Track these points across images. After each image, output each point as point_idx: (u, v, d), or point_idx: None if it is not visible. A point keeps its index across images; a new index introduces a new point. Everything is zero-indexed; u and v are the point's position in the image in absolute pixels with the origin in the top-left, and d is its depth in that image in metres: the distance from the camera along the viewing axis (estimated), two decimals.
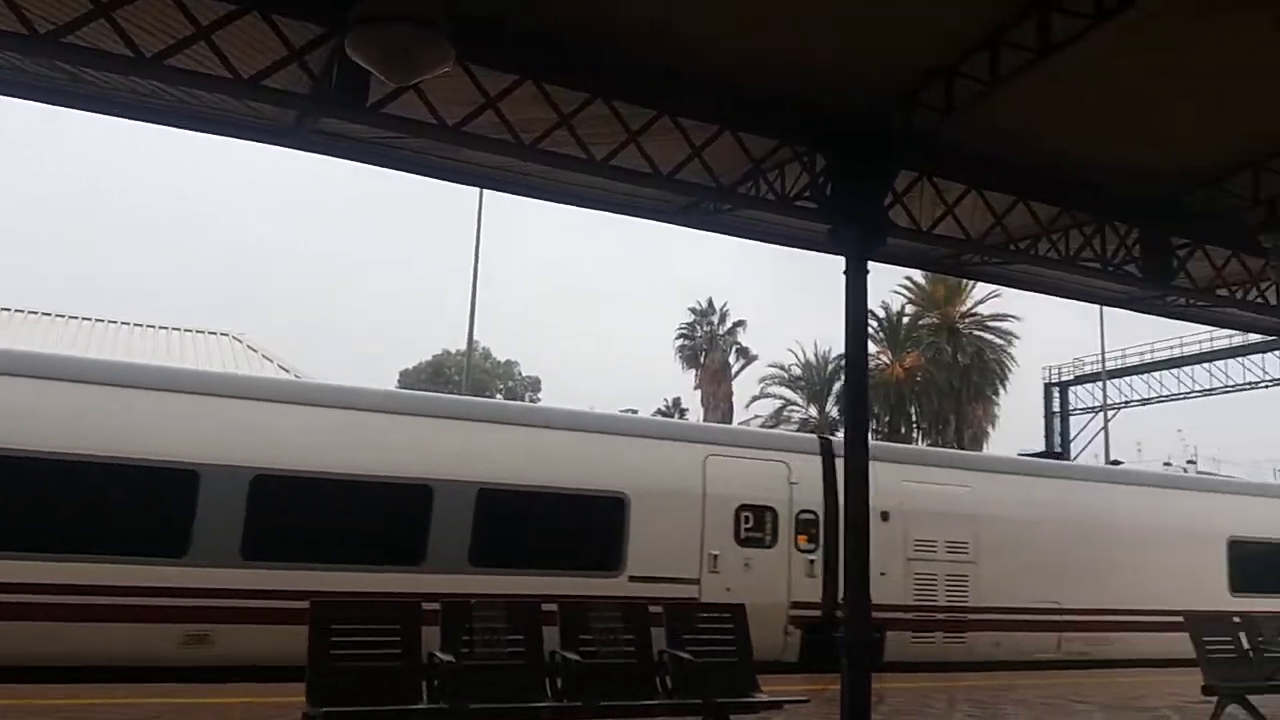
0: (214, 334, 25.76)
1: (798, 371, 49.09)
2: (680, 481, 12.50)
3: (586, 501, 11.83)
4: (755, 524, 12.80)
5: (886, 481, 12.35)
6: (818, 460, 13.62)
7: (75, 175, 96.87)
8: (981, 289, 45.25)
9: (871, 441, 8.84)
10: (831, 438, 13.95)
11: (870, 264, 8.40)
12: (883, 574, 11.53)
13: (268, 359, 24.87)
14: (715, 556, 12.35)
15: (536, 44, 7.08)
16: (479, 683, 6.08)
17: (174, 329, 25.36)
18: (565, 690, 6.34)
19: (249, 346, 25.43)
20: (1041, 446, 48.55)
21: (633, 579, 11.66)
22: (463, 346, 33.32)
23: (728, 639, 7.19)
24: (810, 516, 13.14)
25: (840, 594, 9.92)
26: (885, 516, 12.85)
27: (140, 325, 24.99)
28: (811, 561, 13.00)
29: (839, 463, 11.60)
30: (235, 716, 7.95)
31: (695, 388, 51.50)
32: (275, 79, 6.52)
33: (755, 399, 49.48)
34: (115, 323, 24.80)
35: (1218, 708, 8.94)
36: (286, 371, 23.65)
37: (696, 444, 13.16)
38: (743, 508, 12.75)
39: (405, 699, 5.83)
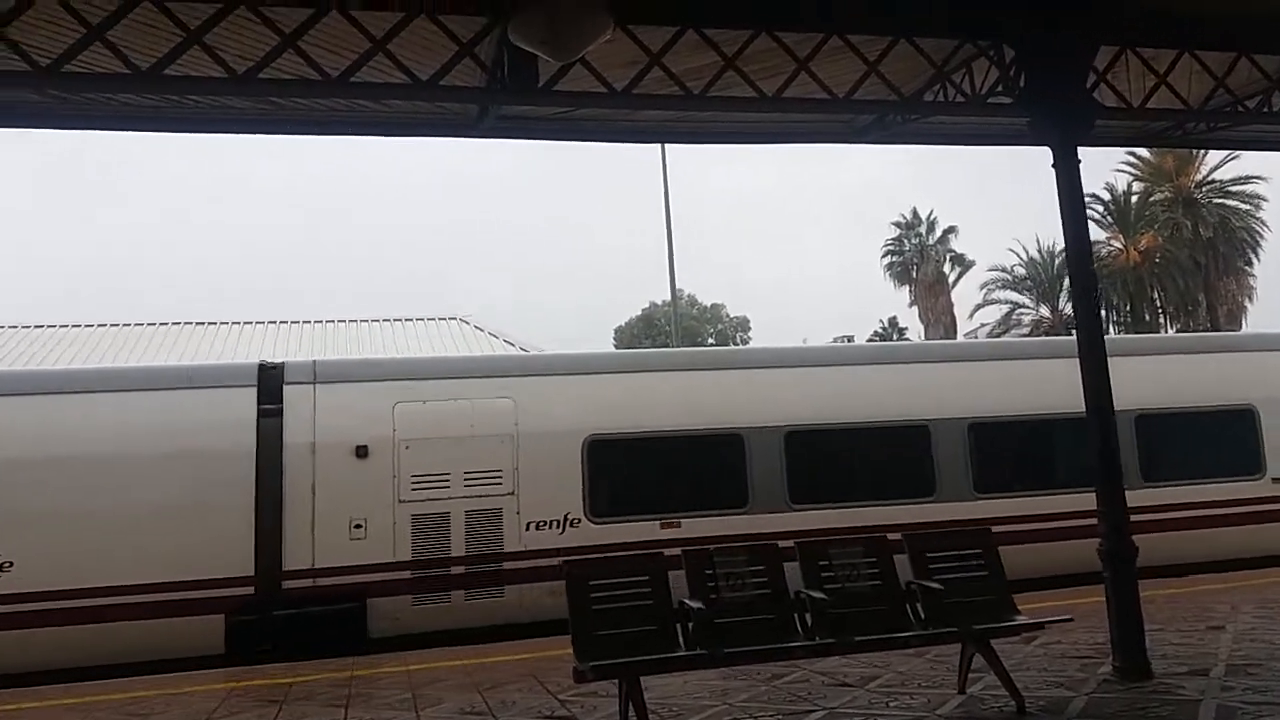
0: (443, 319, 27.40)
1: (1022, 272, 46.46)
2: None
3: None
4: None
5: None
6: None
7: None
8: (1217, 152, 41.06)
9: None
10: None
11: (1082, 148, 7.84)
12: None
13: (494, 336, 26.21)
14: None
15: None
16: (730, 626, 6.21)
17: (404, 320, 27.18)
18: (816, 628, 6.36)
19: (476, 327, 26.90)
20: None
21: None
22: (668, 297, 33.71)
23: (977, 563, 6.98)
24: None
25: None
26: None
27: (372, 321, 26.94)
28: None
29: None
30: (516, 673, 8.48)
31: (910, 304, 49.89)
32: (451, 77, 6.80)
33: (979, 307, 47.32)
34: (348, 321, 26.86)
35: None
36: (512, 346, 24.83)
37: None
38: None
39: (663, 647, 6.03)
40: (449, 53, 6.73)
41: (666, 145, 27.60)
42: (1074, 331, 8.12)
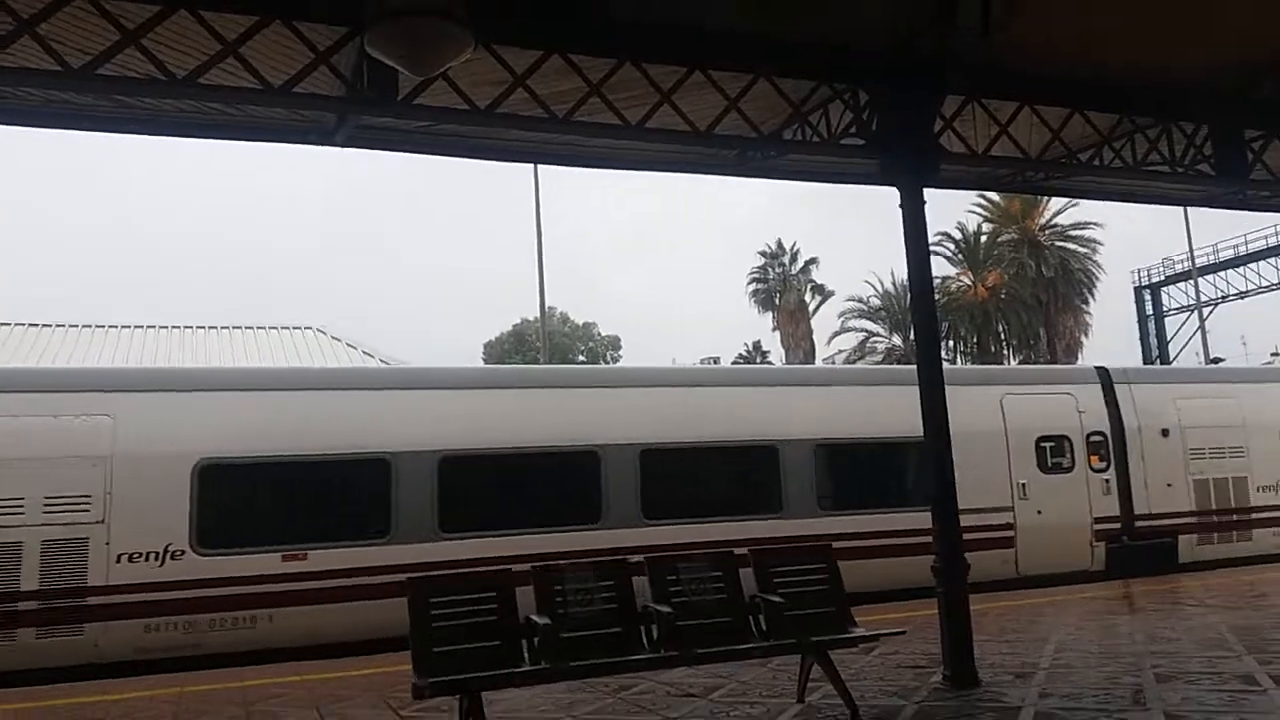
0: (298, 329, 26.47)
1: (877, 302, 48.47)
2: None
3: None
4: None
5: None
6: None
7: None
8: (1060, 198, 43.95)
9: None
10: None
11: (932, 190, 8.27)
12: None
13: (352, 347, 25.47)
14: None
15: (558, 14, 7.10)
16: (576, 641, 6.23)
17: (258, 328, 26.14)
18: (661, 641, 6.46)
19: (333, 337, 26.07)
20: (1138, 352, 47.29)
21: None
22: (538, 314, 33.65)
23: (819, 578, 7.23)
24: None
25: None
26: None
27: (225, 328, 25.81)
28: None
29: None
30: (360, 689, 8.33)
31: (773, 330, 51.34)
32: (307, 83, 6.71)
33: (836, 334, 49.15)
34: (200, 328, 25.66)
35: None
36: (371, 358, 24.23)
37: None
38: None
39: (507, 663, 6.00)
40: (304, 60, 6.64)
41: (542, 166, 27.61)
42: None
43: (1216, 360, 38.02)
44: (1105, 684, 7.16)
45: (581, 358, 57.02)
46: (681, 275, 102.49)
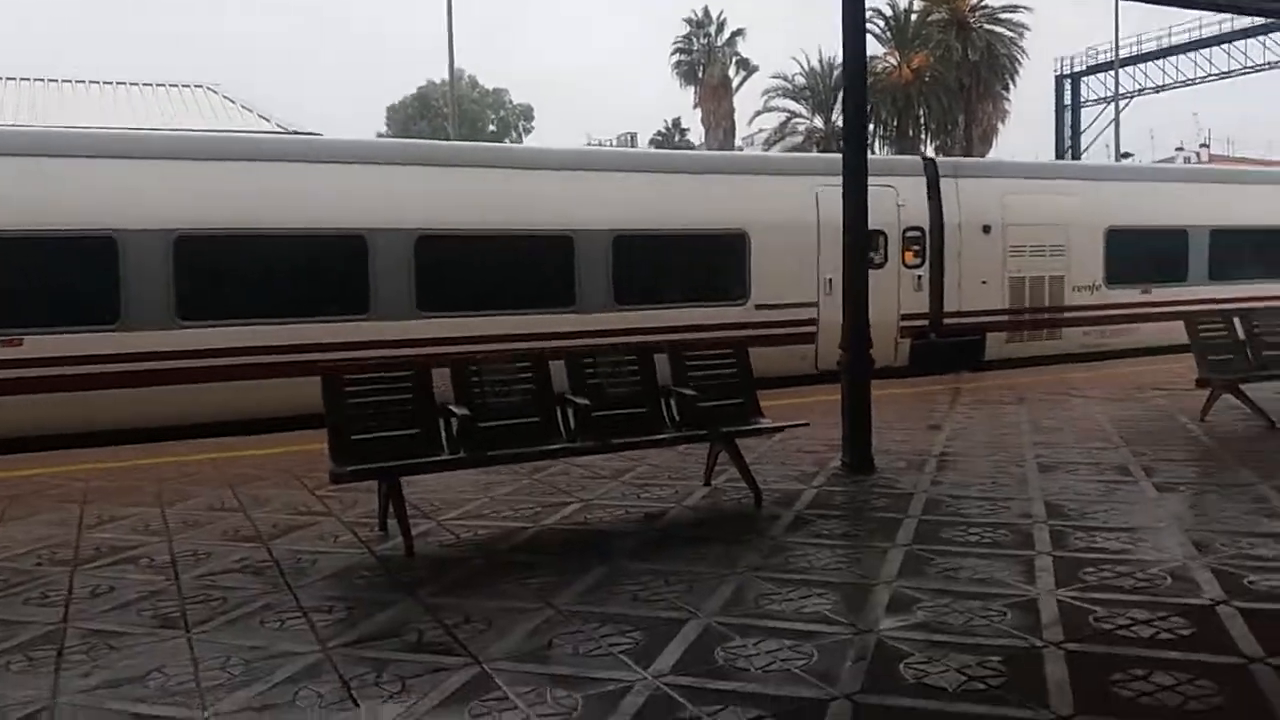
0: (188, 87, 24.75)
1: (802, 81, 47.43)
2: None
3: None
4: None
5: None
6: None
7: None
8: None
9: None
10: None
11: None
12: None
13: (247, 109, 24.07)
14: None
15: None
16: (494, 430, 6.25)
17: (145, 85, 24.35)
18: (578, 431, 6.52)
19: (226, 98, 24.50)
20: (1052, 142, 47.81)
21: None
22: (446, 76, 31.95)
23: (730, 372, 7.36)
24: None
25: None
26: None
27: (111, 83, 24.01)
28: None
29: None
30: (273, 468, 8.33)
31: (695, 106, 50.09)
32: None
33: (758, 114, 48.25)
34: (84, 82, 23.82)
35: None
36: (268, 122, 22.94)
37: None
38: None
39: (426, 451, 5.99)
40: None
41: None
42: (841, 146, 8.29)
43: (1125, 155, 38.74)
44: (992, 472, 7.59)
45: (492, 128, 55.06)
46: (603, 48, 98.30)
